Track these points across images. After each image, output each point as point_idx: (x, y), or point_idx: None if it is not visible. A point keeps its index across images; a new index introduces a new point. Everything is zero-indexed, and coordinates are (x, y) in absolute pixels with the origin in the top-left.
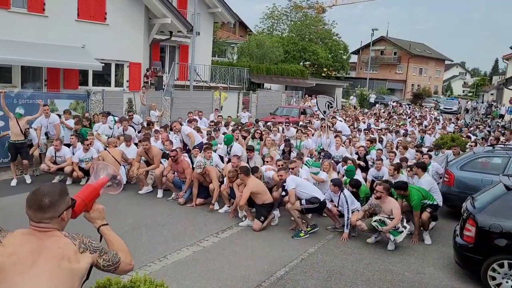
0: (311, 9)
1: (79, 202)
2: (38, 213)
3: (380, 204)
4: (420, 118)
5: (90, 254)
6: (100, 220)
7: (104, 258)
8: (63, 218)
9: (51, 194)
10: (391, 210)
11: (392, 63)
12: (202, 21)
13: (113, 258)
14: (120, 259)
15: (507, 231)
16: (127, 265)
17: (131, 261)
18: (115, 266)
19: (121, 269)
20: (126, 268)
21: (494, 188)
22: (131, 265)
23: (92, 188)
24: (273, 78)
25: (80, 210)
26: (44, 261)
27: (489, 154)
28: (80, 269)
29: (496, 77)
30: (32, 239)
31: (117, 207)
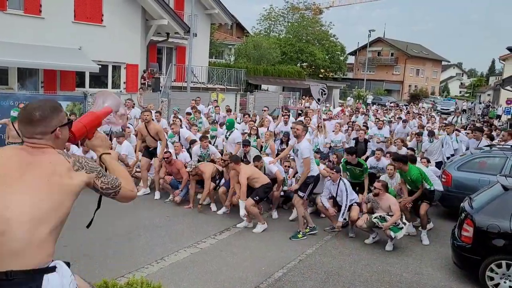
0: (308, 10)
1: (79, 127)
2: (29, 127)
3: (377, 200)
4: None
5: (86, 173)
6: (102, 148)
7: (103, 181)
8: (57, 135)
9: (41, 108)
10: (388, 207)
11: (389, 64)
12: (199, 22)
13: (113, 182)
14: (120, 183)
15: (504, 231)
16: (128, 191)
17: (134, 188)
18: (114, 190)
19: (122, 195)
20: (128, 194)
21: (492, 188)
22: (133, 191)
23: (94, 116)
24: (270, 79)
25: (80, 134)
26: (32, 175)
27: (487, 155)
28: (72, 185)
29: (493, 77)
30: (23, 154)
31: (114, 209)
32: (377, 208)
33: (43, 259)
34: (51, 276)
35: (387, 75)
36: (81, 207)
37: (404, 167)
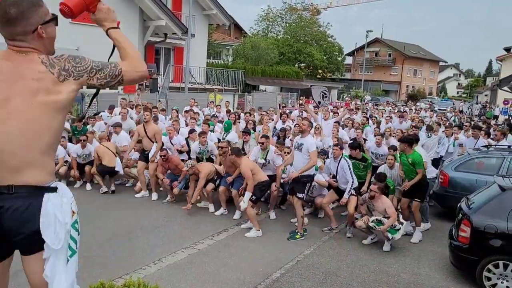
0: (306, 11)
1: (76, 1)
2: (7, 27)
3: (373, 203)
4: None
5: (74, 80)
6: (108, 22)
7: (98, 77)
8: (40, 35)
9: (17, 3)
10: (384, 210)
11: (386, 64)
12: (197, 23)
13: (112, 72)
14: (121, 70)
15: (501, 231)
16: (133, 73)
17: (141, 66)
18: (117, 79)
19: (128, 80)
20: (133, 76)
21: (489, 188)
22: (139, 71)
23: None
24: (268, 80)
25: (78, 9)
26: (16, 98)
27: (484, 155)
28: (61, 101)
29: (490, 78)
30: (6, 66)
31: (112, 210)
32: (372, 210)
33: (43, 178)
34: (52, 194)
35: (384, 75)
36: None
37: (409, 150)
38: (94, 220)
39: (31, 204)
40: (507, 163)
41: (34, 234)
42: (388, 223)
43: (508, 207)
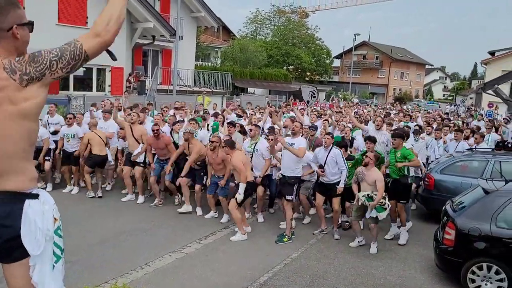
0: (294, 14)
1: None
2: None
3: (364, 171)
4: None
5: (38, 82)
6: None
7: (62, 67)
8: (15, 35)
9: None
10: (374, 181)
11: (374, 67)
12: (185, 25)
13: (73, 54)
14: (81, 45)
15: (485, 234)
16: (95, 43)
17: (101, 31)
18: (81, 58)
19: (92, 52)
20: (96, 47)
21: (473, 191)
22: (100, 39)
23: None
24: (257, 82)
25: None
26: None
27: (468, 158)
28: (29, 107)
29: (475, 81)
30: None
31: (99, 214)
32: (361, 181)
33: (24, 184)
34: (33, 201)
35: (372, 78)
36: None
37: (401, 144)
38: (81, 224)
39: (12, 210)
40: (491, 166)
41: (15, 240)
42: (377, 197)
43: (492, 210)
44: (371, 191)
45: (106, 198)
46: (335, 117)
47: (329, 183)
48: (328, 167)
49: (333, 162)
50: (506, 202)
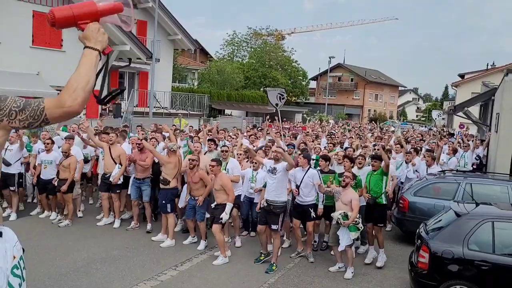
0: (271, 36)
1: (63, 8)
2: None
3: (341, 191)
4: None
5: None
6: (93, 41)
7: (20, 119)
8: None
9: None
10: (350, 201)
11: (349, 89)
12: (162, 48)
13: (33, 112)
14: (44, 108)
15: (458, 256)
16: (57, 109)
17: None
18: (40, 119)
19: (53, 116)
20: (58, 113)
21: (445, 214)
22: (64, 108)
23: (91, 4)
24: (234, 104)
25: (64, 22)
26: None
27: (440, 180)
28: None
29: (447, 102)
30: None
31: (73, 240)
32: (337, 200)
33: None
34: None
35: (347, 99)
36: (36, 239)
37: (379, 164)
38: (53, 251)
39: None
40: (462, 188)
41: None
42: (352, 216)
43: (464, 232)
44: (345, 211)
45: (79, 223)
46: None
47: (304, 204)
48: (304, 187)
49: (309, 183)
50: (477, 225)
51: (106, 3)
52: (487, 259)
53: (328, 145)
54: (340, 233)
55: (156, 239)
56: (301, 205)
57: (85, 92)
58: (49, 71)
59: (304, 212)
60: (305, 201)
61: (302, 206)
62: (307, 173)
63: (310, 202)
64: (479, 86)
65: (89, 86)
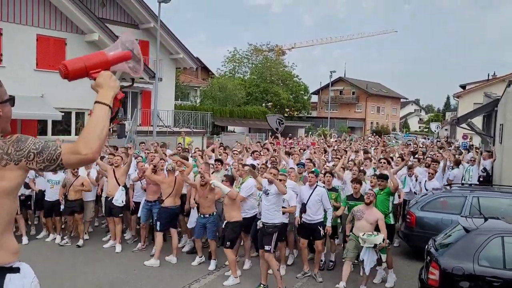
0: (271, 52)
1: (75, 61)
2: None
3: (364, 210)
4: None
5: (15, 165)
6: (105, 88)
7: (37, 161)
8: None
9: None
10: (376, 220)
11: (351, 102)
12: (164, 67)
13: (50, 156)
14: (60, 153)
15: (469, 273)
16: (72, 156)
17: (84, 149)
18: (55, 163)
19: (67, 163)
20: (72, 160)
21: (454, 230)
22: (79, 155)
23: (101, 53)
24: (236, 120)
25: (76, 74)
26: None
27: (447, 194)
28: (5, 187)
29: (449, 113)
30: None
31: (80, 263)
32: (359, 219)
33: (5, 258)
34: (13, 276)
35: (349, 113)
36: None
37: (386, 184)
38: (59, 277)
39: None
40: (469, 202)
41: None
42: (383, 237)
43: (473, 248)
44: (370, 231)
45: (85, 245)
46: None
47: (311, 223)
48: (311, 205)
49: (317, 201)
50: (486, 240)
51: (116, 51)
52: (498, 275)
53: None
54: (366, 256)
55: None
56: (309, 224)
57: (100, 139)
58: (53, 93)
59: (312, 231)
60: (313, 219)
61: (311, 225)
62: (315, 191)
63: (318, 220)
64: (481, 96)
65: (104, 134)
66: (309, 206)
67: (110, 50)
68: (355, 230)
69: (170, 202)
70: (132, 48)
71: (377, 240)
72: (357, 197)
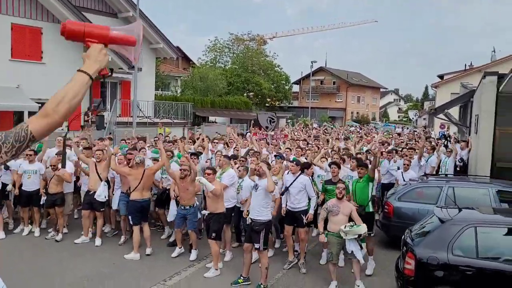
0: (252, 41)
1: (76, 23)
2: None
3: (338, 204)
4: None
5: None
6: (92, 59)
7: (6, 151)
8: None
9: None
10: (350, 212)
11: (332, 92)
12: (144, 57)
13: (17, 135)
14: (27, 126)
15: (443, 262)
16: (42, 123)
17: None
18: (26, 139)
19: (39, 133)
20: (43, 127)
21: (430, 220)
22: (45, 118)
23: (105, 28)
24: (218, 111)
25: (73, 34)
26: None
27: (424, 185)
28: None
29: (427, 102)
30: None
31: (59, 259)
32: (336, 214)
33: None
34: None
35: (330, 102)
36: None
37: (365, 172)
38: (38, 271)
39: None
40: (444, 193)
41: None
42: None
43: (448, 238)
44: (347, 223)
45: (65, 239)
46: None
47: (295, 210)
48: (292, 192)
49: (300, 189)
50: (460, 231)
51: (119, 32)
52: (471, 264)
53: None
54: (352, 247)
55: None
56: (292, 212)
57: (70, 104)
58: (29, 83)
59: (295, 219)
60: (296, 207)
61: (294, 213)
62: (298, 179)
63: (301, 208)
64: (458, 86)
65: (75, 100)
66: (292, 193)
67: (116, 29)
68: (333, 226)
69: (137, 195)
70: (138, 37)
71: (361, 231)
72: (335, 181)
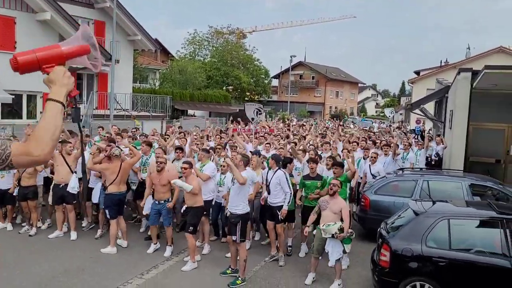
0: (232, 35)
1: (27, 53)
2: None
3: (329, 200)
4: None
5: None
6: (58, 85)
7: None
8: None
9: None
10: (340, 210)
11: (310, 86)
12: (121, 49)
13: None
14: (10, 153)
15: (417, 254)
16: (23, 157)
17: (37, 151)
18: (5, 163)
19: (17, 163)
20: (23, 161)
21: (404, 213)
22: (30, 156)
23: (55, 47)
24: (197, 104)
25: (27, 67)
26: None
27: (399, 178)
28: None
29: (404, 98)
30: None
31: (33, 253)
32: (324, 209)
33: None
34: None
35: (309, 97)
36: None
37: (342, 171)
38: (13, 265)
39: None
40: (419, 186)
41: None
42: (346, 226)
43: (422, 230)
44: (334, 221)
45: (38, 233)
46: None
47: (273, 206)
48: (272, 188)
49: (276, 184)
50: (434, 223)
51: (71, 45)
52: (444, 256)
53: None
54: (330, 247)
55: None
56: (270, 207)
57: (53, 140)
58: (3, 75)
59: (273, 214)
60: (273, 202)
61: (271, 208)
62: (275, 174)
63: (278, 203)
64: (433, 82)
65: (56, 134)
66: (271, 188)
67: (67, 43)
68: (321, 221)
69: (114, 188)
70: (91, 42)
71: (332, 230)
72: (313, 176)
